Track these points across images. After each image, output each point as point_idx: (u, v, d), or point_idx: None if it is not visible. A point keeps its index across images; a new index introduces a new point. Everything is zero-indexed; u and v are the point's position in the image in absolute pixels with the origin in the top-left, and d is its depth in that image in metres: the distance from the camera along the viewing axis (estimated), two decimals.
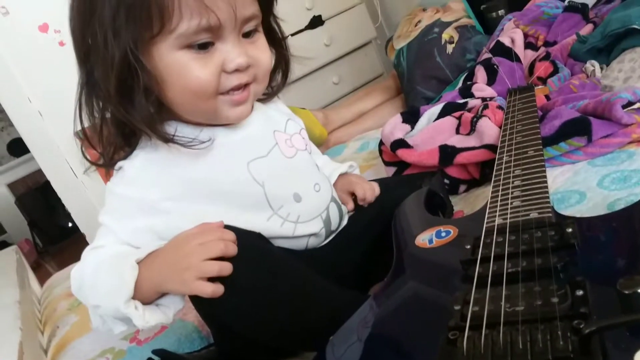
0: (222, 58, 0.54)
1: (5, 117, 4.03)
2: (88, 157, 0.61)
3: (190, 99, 0.55)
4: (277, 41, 0.65)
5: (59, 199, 2.09)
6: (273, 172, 0.62)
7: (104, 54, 0.52)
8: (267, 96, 0.67)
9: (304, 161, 0.67)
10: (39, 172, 2.50)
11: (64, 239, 3.99)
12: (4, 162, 4.62)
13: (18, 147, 4.34)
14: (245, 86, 0.57)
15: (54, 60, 1.84)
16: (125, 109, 0.54)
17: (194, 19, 0.51)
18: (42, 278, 1.65)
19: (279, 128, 0.66)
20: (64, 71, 1.86)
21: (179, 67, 0.53)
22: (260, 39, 0.59)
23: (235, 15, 0.53)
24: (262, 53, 0.58)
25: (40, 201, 4.23)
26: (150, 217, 0.57)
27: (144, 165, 0.58)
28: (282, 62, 0.66)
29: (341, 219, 0.71)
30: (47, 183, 2.14)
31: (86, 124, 0.59)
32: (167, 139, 0.55)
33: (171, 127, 0.58)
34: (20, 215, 4.44)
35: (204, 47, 0.53)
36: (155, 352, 0.66)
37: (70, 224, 3.55)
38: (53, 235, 4.15)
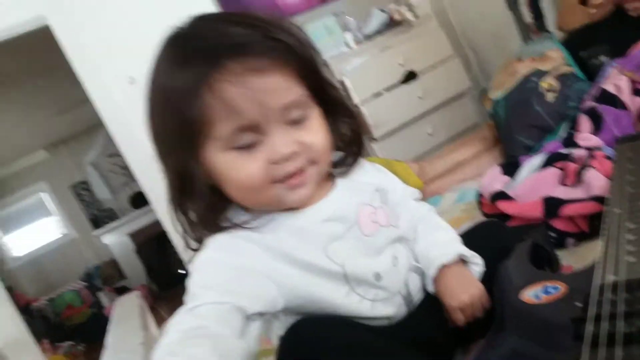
0: (269, 150, 0.55)
1: (128, 174, 4.48)
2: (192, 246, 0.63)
3: (247, 193, 0.57)
4: (344, 114, 0.64)
5: (173, 248, 2.27)
6: (351, 253, 0.60)
7: (165, 166, 0.58)
8: (345, 169, 0.66)
9: (384, 238, 0.64)
10: (156, 223, 2.74)
11: (176, 285, 4.25)
12: (126, 214, 5.10)
13: (139, 200, 4.78)
14: (302, 170, 0.57)
15: None
16: (185, 212, 0.59)
17: (227, 123, 0.53)
18: (157, 322, 1.78)
19: (365, 200, 0.64)
20: None
21: (228, 166, 0.55)
22: (312, 122, 0.58)
23: (266, 110, 0.53)
24: (313, 136, 0.57)
25: (156, 250, 4.56)
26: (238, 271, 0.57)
27: (226, 238, 0.59)
28: (352, 133, 0.65)
29: (424, 286, 0.67)
30: (163, 233, 2.34)
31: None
32: (222, 228, 0.58)
33: (242, 217, 0.60)
34: (139, 262, 4.84)
35: (249, 146, 0.55)
36: None
37: (183, 271, 3.79)
38: (167, 282, 4.44)
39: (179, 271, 3.84)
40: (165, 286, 4.46)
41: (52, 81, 3.79)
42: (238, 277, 0.56)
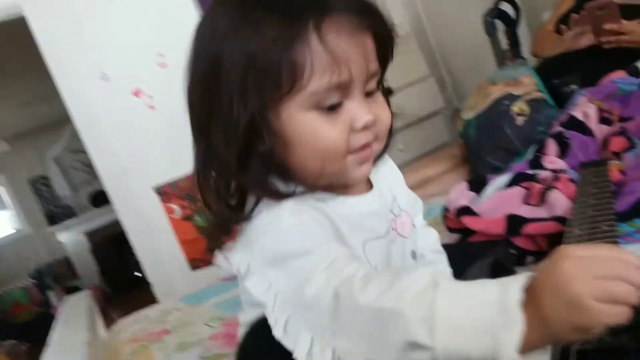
0: (350, 117, 0.51)
1: (91, 171, 4.36)
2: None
3: (320, 161, 0.52)
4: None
5: (129, 250, 2.20)
6: (384, 256, 0.58)
7: (227, 119, 0.50)
8: (378, 157, 0.62)
9: (410, 244, 0.62)
10: (115, 224, 2.66)
11: (130, 288, 4.15)
12: (85, 212, 4.96)
13: (99, 199, 4.65)
14: (370, 144, 0.54)
15: (142, 121, 2.04)
16: (242, 176, 0.52)
17: (326, 75, 0.48)
18: (107, 324, 1.71)
19: (394, 202, 0.62)
20: (150, 132, 2.05)
21: (309, 127, 0.50)
22: (380, 97, 0.56)
23: (366, 68, 0.51)
24: (383, 111, 0.55)
25: (112, 251, 4.45)
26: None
27: (295, 204, 0.52)
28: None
29: None
30: (121, 234, 2.27)
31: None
32: (283, 195, 0.52)
33: (290, 187, 0.53)
34: (93, 262, 4.69)
35: (332, 108, 0.51)
36: None
37: (137, 274, 3.69)
38: (121, 284, 4.32)
39: (136, 274, 3.74)
40: (119, 289, 4.34)
41: (18, 73, 3.69)
42: (334, 233, 0.52)
